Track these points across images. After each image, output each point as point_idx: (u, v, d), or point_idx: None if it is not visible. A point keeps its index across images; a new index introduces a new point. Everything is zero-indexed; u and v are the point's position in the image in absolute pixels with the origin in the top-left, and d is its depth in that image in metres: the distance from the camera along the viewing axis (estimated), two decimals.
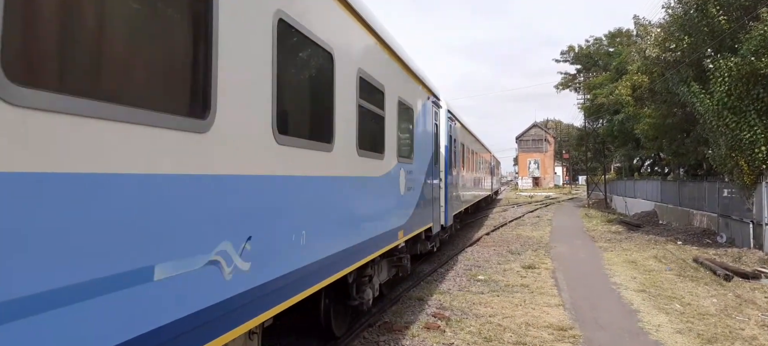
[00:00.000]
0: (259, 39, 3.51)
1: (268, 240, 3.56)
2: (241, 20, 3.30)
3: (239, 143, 3.25)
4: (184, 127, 2.73)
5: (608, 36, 45.59)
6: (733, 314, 8.75)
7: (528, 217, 28.40)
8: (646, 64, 21.87)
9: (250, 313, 3.34)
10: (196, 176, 2.82)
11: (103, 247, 2.17)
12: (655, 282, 11.09)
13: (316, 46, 4.44)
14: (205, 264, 2.82)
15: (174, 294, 2.58)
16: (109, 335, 2.21)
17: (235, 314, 3.14)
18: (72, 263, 2.02)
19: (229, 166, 3.14)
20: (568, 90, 53.33)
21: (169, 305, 2.56)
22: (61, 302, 1.97)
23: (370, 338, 7.06)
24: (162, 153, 2.56)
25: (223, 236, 2.99)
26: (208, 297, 2.84)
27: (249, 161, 3.37)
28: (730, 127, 14.85)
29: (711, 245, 16.47)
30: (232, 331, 3.13)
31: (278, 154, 3.75)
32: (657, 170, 36.56)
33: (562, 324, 7.74)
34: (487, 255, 14.29)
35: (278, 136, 3.69)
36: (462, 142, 16.10)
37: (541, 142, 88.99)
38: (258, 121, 3.49)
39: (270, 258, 3.58)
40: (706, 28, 16.53)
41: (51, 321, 1.93)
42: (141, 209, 2.39)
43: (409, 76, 8.33)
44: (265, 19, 3.59)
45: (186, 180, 2.74)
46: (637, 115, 26.82)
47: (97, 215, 2.15)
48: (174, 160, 2.65)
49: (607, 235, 20.28)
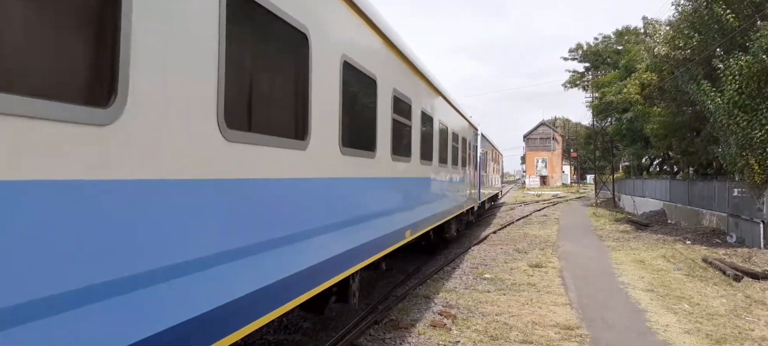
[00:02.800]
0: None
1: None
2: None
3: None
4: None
5: (617, 33, 45.28)
6: (743, 315, 8.66)
7: (535, 215, 28.28)
8: (655, 63, 21.69)
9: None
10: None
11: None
12: (664, 282, 11.01)
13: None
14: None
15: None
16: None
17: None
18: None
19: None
20: (577, 88, 53.07)
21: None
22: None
23: (377, 335, 7.06)
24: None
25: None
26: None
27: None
28: (741, 126, 14.71)
29: (720, 245, 16.32)
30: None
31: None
32: (666, 169, 36.28)
33: (568, 323, 7.70)
34: (494, 253, 14.24)
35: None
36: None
37: (549, 140, 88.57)
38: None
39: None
40: (716, 25, 16.37)
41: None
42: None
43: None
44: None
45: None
46: (646, 113, 26.62)
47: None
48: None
49: (615, 234, 20.15)
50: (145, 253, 2.37)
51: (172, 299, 2.54)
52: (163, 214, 2.49)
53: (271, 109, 3.85)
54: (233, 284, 3.04)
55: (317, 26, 4.17)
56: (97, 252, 2.12)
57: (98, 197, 2.13)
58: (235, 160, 3.10)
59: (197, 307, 2.71)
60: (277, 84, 3.95)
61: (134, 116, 2.27)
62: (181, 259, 2.60)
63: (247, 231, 3.24)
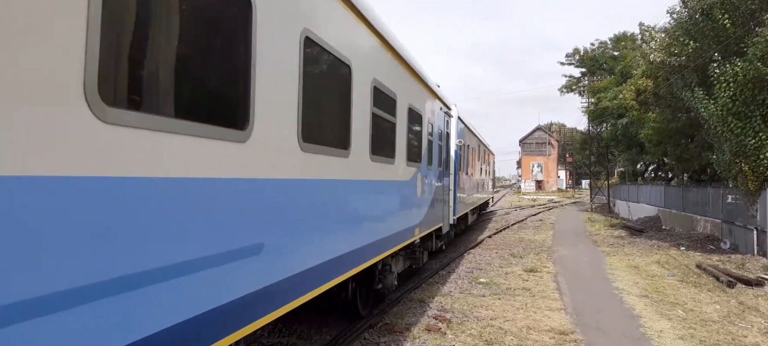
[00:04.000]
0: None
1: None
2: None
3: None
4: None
5: (613, 39, 45.53)
6: (736, 321, 8.70)
7: (530, 220, 28.33)
8: (650, 69, 21.81)
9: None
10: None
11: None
12: (658, 288, 11.04)
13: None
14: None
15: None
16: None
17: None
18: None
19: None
20: (573, 93, 53.29)
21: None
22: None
23: (371, 339, 7.05)
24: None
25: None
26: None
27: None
28: (735, 133, 14.78)
29: (714, 251, 16.39)
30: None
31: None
32: (661, 175, 36.42)
33: (563, 328, 7.71)
34: (489, 258, 14.25)
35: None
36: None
37: (545, 145, 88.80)
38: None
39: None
40: (711, 33, 16.48)
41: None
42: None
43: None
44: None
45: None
46: (641, 119, 26.74)
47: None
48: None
49: (609, 239, 20.21)
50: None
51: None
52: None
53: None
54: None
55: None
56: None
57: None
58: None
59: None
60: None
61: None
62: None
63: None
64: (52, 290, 2.02)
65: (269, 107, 3.53)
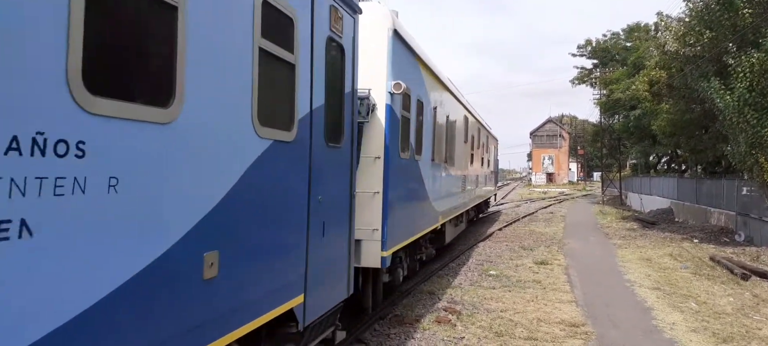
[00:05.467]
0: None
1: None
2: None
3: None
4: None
5: (626, 30, 44.89)
6: (750, 314, 8.59)
7: (541, 213, 28.19)
8: (664, 59, 21.50)
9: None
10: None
11: None
12: (670, 280, 10.93)
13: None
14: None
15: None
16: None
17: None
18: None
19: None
20: (584, 85, 52.69)
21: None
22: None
23: (381, 330, 7.07)
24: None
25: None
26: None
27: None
28: (751, 124, 14.54)
29: (728, 244, 16.20)
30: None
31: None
32: (674, 167, 35.99)
33: (574, 320, 7.67)
34: (499, 250, 14.21)
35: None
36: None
37: (556, 137, 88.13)
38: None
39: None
40: (728, 22, 16.18)
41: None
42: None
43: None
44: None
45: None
46: (654, 111, 26.38)
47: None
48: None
49: (621, 232, 20.04)
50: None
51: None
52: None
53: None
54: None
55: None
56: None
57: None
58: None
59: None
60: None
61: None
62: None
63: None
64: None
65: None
